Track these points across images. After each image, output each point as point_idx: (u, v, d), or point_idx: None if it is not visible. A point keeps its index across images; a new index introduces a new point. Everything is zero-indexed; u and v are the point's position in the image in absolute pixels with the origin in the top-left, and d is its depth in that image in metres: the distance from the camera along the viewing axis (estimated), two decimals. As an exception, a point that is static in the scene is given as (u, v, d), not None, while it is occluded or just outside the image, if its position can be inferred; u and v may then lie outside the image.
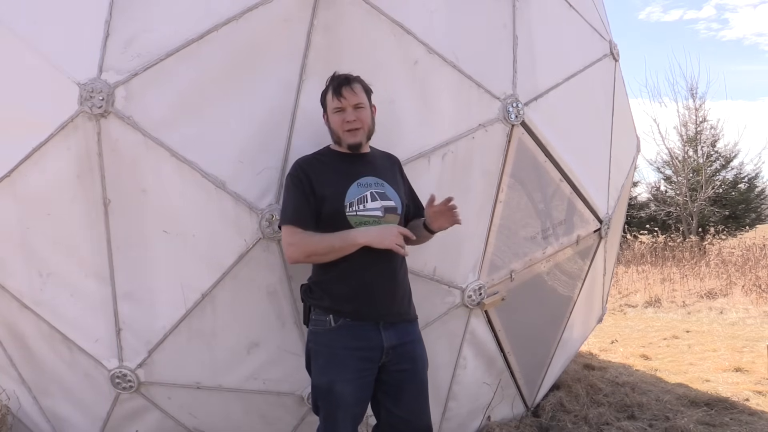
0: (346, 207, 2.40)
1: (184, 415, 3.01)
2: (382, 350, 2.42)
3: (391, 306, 2.47)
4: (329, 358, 2.43)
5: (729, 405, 4.23)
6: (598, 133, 3.85)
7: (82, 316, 2.85)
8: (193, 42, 2.64)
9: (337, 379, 2.39)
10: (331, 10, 2.73)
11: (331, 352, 2.43)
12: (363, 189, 2.43)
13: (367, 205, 2.41)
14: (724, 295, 9.27)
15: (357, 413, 2.46)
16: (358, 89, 2.45)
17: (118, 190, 2.69)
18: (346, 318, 2.42)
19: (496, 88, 3.10)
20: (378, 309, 2.43)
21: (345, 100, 2.41)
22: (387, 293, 2.46)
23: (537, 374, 3.88)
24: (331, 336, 2.43)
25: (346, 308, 2.42)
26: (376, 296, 2.43)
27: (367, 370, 2.43)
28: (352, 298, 2.42)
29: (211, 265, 2.73)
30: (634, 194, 18.11)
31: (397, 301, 2.49)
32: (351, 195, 2.41)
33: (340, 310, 2.42)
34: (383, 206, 2.43)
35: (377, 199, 2.43)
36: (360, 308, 2.42)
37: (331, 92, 2.46)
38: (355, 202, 2.41)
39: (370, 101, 2.50)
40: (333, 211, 2.40)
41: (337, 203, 2.40)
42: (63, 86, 2.62)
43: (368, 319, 2.43)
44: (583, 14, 3.78)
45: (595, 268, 4.07)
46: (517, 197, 3.28)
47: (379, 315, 2.44)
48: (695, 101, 17.81)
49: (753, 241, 14.27)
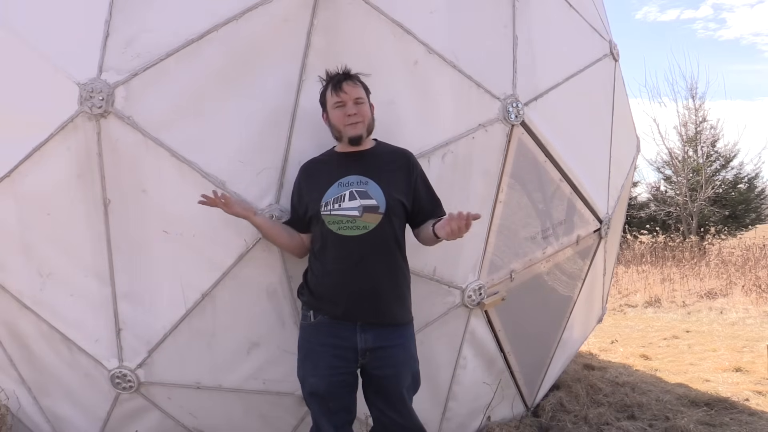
0: (321, 206, 2.44)
1: (184, 415, 3.01)
2: (356, 351, 2.44)
3: (368, 308, 2.45)
4: (306, 353, 2.51)
5: (729, 405, 4.23)
6: (598, 133, 3.85)
7: (82, 316, 2.85)
8: (193, 42, 2.64)
9: (310, 373, 2.47)
10: (330, 10, 2.73)
11: (309, 346, 2.51)
12: (342, 188, 2.45)
13: (343, 204, 2.43)
14: (724, 295, 9.27)
15: (333, 408, 2.47)
16: (358, 84, 2.50)
17: (118, 190, 2.69)
18: (324, 315, 2.47)
19: (496, 88, 3.10)
20: (352, 310, 2.44)
21: (345, 94, 2.45)
22: (363, 295, 2.44)
23: (537, 374, 3.88)
24: (310, 331, 2.52)
25: (325, 306, 2.47)
26: (351, 297, 2.44)
27: (341, 368, 2.46)
28: (327, 296, 2.47)
29: (211, 265, 2.73)
30: (634, 194, 18.11)
31: (379, 303, 2.46)
32: (329, 195, 2.45)
33: (320, 307, 2.48)
34: (362, 205, 2.42)
35: (356, 198, 2.43)
36: (335, 307, 2.46)
37: (330, 88, 2.49)
38: (331, 202, 2.44)
39: (369, 100, 2.54)
40: (313, 212, 2.47)
41: (316, 204, 2.46)
42: (63, 86, 2.62)
43: (344, 318, 2.45)
44: (583, 14, 3.78)
45: (595, 268, 4.07)
46: (517, 197, 3.28)
47: (353, 316, 2.44)
48: (695, 101, 17.83)
49: (753, 241, 14.26)
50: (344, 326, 2.45)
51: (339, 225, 2.42)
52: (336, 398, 2.47)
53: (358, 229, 2.40)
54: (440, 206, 2.60)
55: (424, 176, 2.61)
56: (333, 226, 2.42)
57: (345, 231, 2.41)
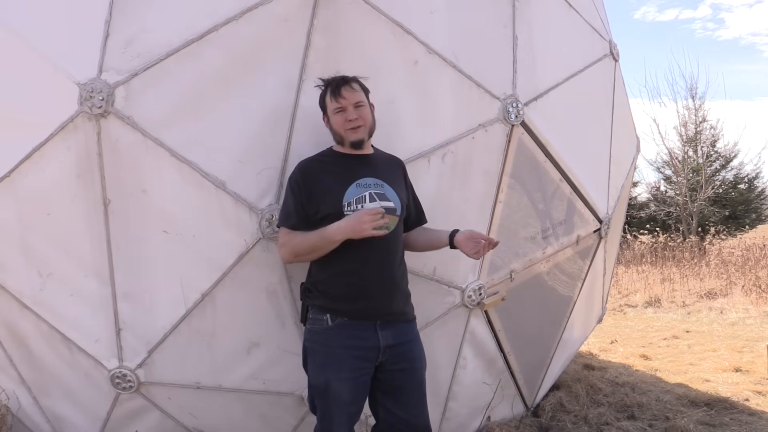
0: (344, 207, 2.42)
1: (184, 415, 3.01)
2: (378, 350, 2.44)
3: (387, 306, 2.48)
4: (326, 357, 2.45)
5: (729, 405, 4.23)
6: (598, 133, 3.85)
7: (82, 316, 2.85)
8: (193, 42, 2.64)
9: (334, 377, 2.41)
10: (330, 10, 2.73)
11: (328, 350, 2.45)
12: (362, 189, 2.45)
13: (366, 206, 2.42)
14: (724, 295, 9.27)
15: (353, 412, 2.47)
16: (356, 88, 2.48)
17: (118, 190, 2.69)
18: (343, 317, 2.44)
19: (496, 88, 3.10)
20: (374, 309, 2.45)
21: (345, 99, 2.44)
22: (383, 293, 2.47)
23: (537, 374, 3.88)
24: (328, 335, 2.46)
25: (343, 307, 2.44)
26: (372, 296, 2.44)
27: (364, 369, 2.44)
28: (348, 297, 2.44)
29: (211, 265, 2.73)
30: (634, 194, 18.13)
31: (394, 301, 2.50)
32: (350, 195, 2.43)
33: (336, 309, 2.45)
34: (383, 206, 2.43)
35: (376, 200, 2.44)
36: (356, 308, 2.44)
37: (329, 94, 2.47)
38: (354, 202, 2.43)
39: (368, 100, 2.53)
40: (332, 212, 2.42)
41: (336, 203, 2.42)
42: (63, 86, 2.62)
43: (365, 318, 2.45)
44: (583, 14, 3.78)
45: (595, 268, 4.07)
46: (517, 197, 3.28)
47: (375, 314, 2.45)
48: (695, 101, 17.84)
49: (753, 241, 14.25)
50: (364, 326, 2.44)
51: None
52: (358, 402, 2.47)
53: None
54: (423, 213, 2.74)
55: (411, 184, 2.71)
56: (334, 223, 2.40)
57: None
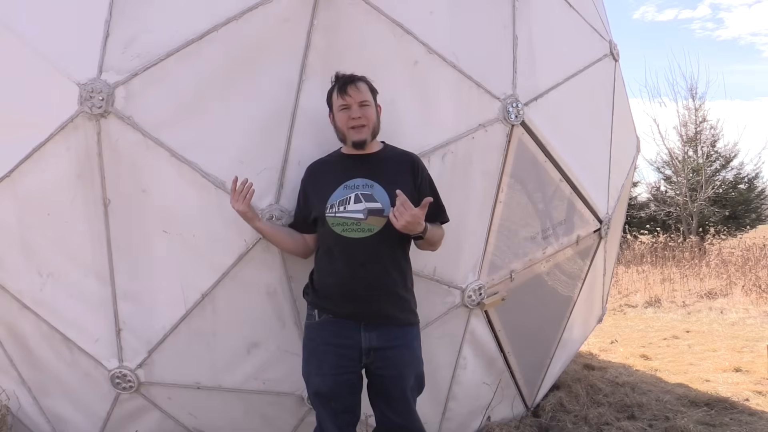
0: (327, 208, 2.45)
1: (184, 415, 3.01)
2: (360, 350, 2.44)
3: (369, 308, 2.46)
4: (311, 352, 2.52)
5: (729, 405, 4.23)
6: (598, 133, 3.85)
7: (82, 316, 2.85)
8: (193, 42, 2.64)
9: (314, 372, 2.47)
10: (331, 10, 2.73)
11: (313, 345, 2.51)
12: (348, 191, 2.46)
13: (348, 207, 2.43)
14: (724, 295, 9.27)
15: (337, 408, 2.47)
16: (363, 88, 2.49)
17: (118, 190, 2.69)
18: (329, 314, 2.48)
19: (496, 88, 3.10)
20: (355, 310, 2.45)
21: (350, 97, 2.45)
22: (367, 295, 2.45)
23: (537, 374, 3.88)
24: (315, 330, 2.52)
25: (328, 306, 2.48)
26: (354, 297, 2.45)
27: (346, 367, 2.46)
28: (332, 296, 2.48)
29: (211, 265, 2.73)
30: (634, 194, 18.13)
31: (380, 304, 2.47)
32: (335, 197, 2.46)
33: (324, 307, 2.49)
34: (367, 208, 2.43)
35: (361, 201, 2.44)
36: (338, 307, 2.46)
37: (336, 91, 2.49)
38: (336, 204, 2.45)
39: (375, 101, 2.54)
40: (318, 214, 2.48)
41: (321, 205, 2.47)
42: (63, 86, 2.62)
43: (347, 317, 2.46)
44: (583, 14, 3.79)
45: (595, 268, 4.07)
46: (517, 197, 3.28)
47: (357, 315, 2.45)
48: (695, 101, 17.84)
49: (753, 241, 14.24)
50: (349, 325, 2.45)
51: (344, 227, 2.42)
52: (339, 398, 2.47)
53: (362, 231, 2.41)
54: (444, 212, 2.61)
55: (431, 181, 2.59)
56: (337, 228, 2.42)
57: (350, 233, 2.42)
